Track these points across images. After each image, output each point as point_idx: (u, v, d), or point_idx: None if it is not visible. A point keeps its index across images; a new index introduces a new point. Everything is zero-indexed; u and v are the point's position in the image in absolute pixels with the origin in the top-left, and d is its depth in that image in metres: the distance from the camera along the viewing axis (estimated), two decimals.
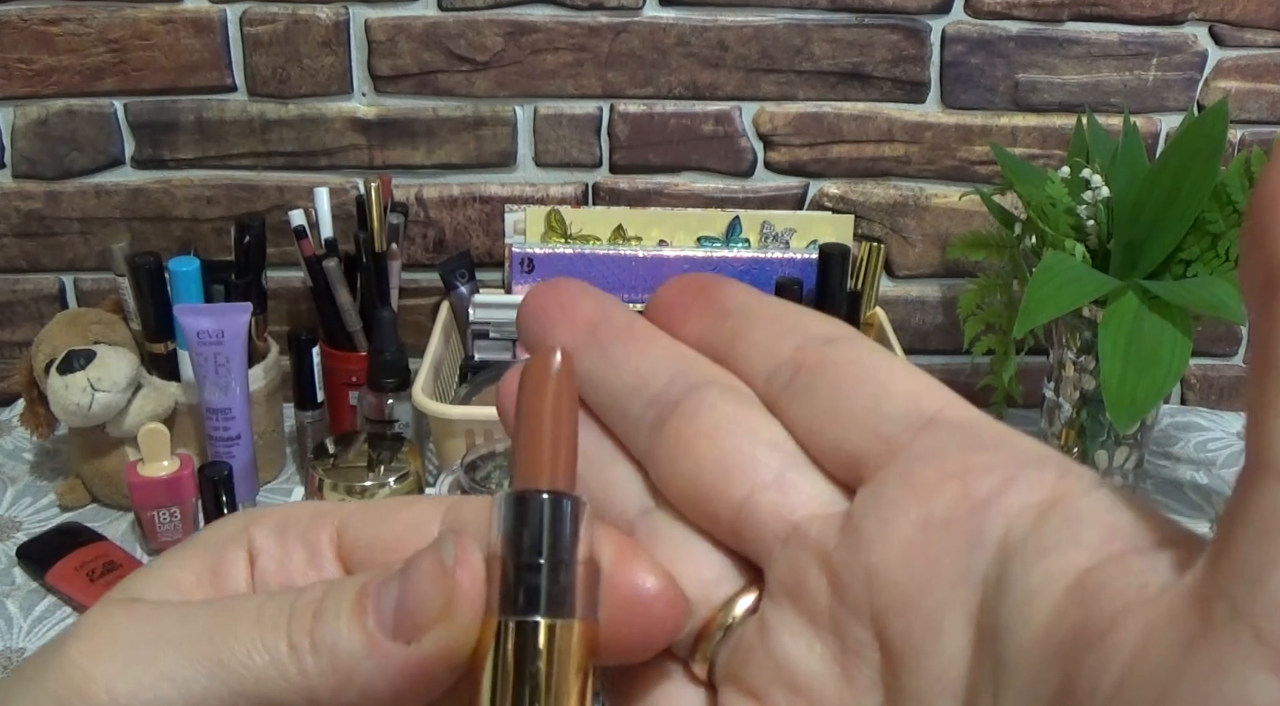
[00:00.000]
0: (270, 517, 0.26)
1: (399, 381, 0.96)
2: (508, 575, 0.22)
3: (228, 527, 0.26)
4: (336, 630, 0.22)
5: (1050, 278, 0.79)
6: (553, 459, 0.23)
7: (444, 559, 0.22)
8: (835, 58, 1.06)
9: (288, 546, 0.25)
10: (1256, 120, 1.10)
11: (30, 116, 1.05)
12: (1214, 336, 1.19)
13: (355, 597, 0.23)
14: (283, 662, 0.22)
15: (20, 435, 1.06)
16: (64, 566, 0.88)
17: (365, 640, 0.22)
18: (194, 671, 0.22)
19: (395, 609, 0.22)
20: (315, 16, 1.02)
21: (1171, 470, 1.08)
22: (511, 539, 0.22)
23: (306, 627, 0.22)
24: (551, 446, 0.23)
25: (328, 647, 0.22)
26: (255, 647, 0.22)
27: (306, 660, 0.22)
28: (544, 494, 0.22)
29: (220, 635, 0.22)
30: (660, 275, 1.04)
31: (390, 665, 0.22)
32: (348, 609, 0.22)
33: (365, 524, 0.25)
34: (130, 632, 0.23)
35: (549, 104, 1.06)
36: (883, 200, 1.11)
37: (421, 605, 0.22)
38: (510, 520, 0.23)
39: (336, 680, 0.22)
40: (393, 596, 0.22)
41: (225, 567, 0.25)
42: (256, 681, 0.22)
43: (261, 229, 0.98)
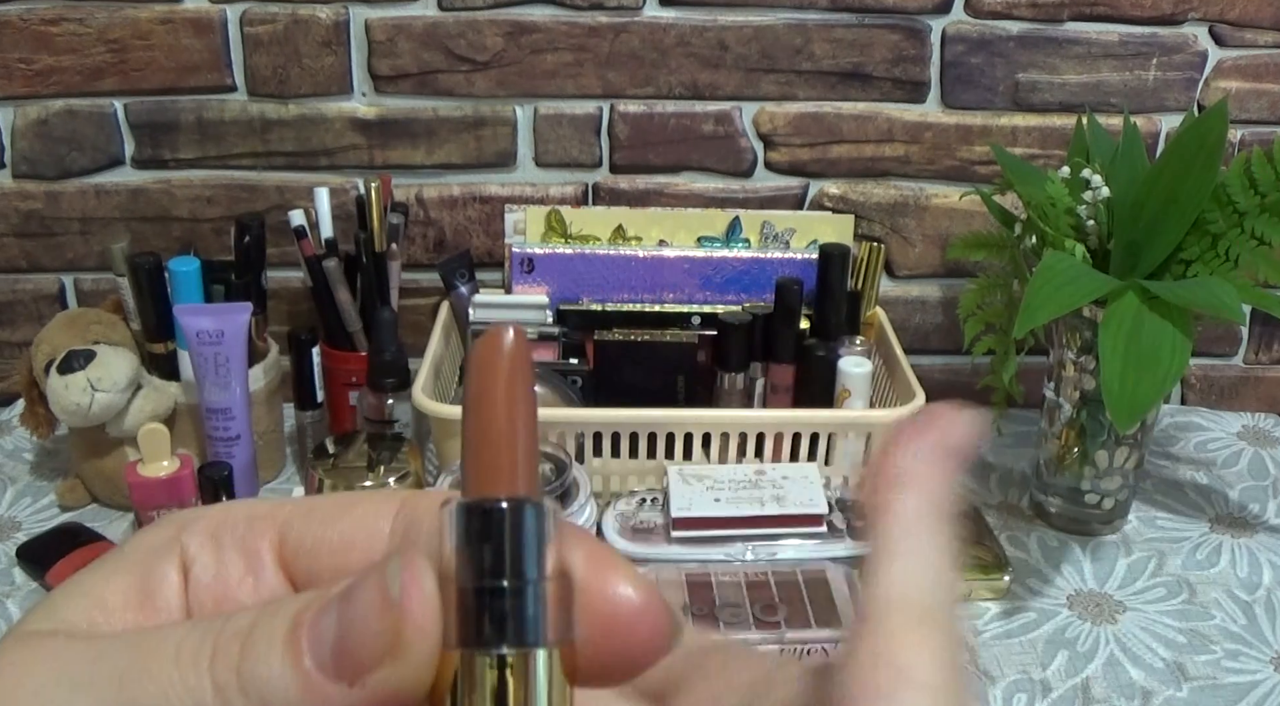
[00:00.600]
0: (204, 522, 0.23)
1: (399, 381, 0.96)
2: (466, 600, 0.19)
3: (158, 535, 0.23)
4: (268, 667, 0.20)
5: (1050, 278, 0.79)
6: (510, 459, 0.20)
7: (390, 588, 0.19)
8: (835, 58, 1.06)
9: (223, 555, 0.23)
10: (1256, 120, 1.10)
11: (30, 116, 1.05)
12: (1214, 336, 1.19)
13: (289, 629, 0.20)
14: (205, 705, 0.20)
15: (20, 435, 1.05)
16: (64, 566, 0.88)
17: (301, 680, 0.19)
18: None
19: (334, 643, 0.19)
20: (315, 16, 1.02)
21: (1171, 470, 1.08)
22: (468, 558, 0.19)
23: (233, 665, 0.20)
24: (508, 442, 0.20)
25: (257, 689, 0.19)
26: (173, 690, 0.20)
27: (233, 701, 0.20)
28: (502, 502, 0.19)
29: (134, 676, 0.20)
30: (660, 275, 1.04)
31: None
32: (280, 643, 0.20)
33: (309, 526, 0.23)
34: (40, 673, 0.21)
35: (549, 104, 1.06)
36: (883, 200, 1.11)
37: (364, 641, 0.19)
38: (465, 535, 0.19)
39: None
40: (330, 628, 0.19)
41: (155, 582, 0.23)
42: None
43: (261, 229, 0.98)
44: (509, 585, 0.19)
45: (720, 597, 0.83)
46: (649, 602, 0.20)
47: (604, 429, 0.93)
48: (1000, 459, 1.09)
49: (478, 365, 0.21)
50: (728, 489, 0.89)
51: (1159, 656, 0.84)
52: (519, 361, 0.21)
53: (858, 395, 0.97)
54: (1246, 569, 0.94)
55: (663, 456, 0.94)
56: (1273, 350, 1.20)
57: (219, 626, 0.20)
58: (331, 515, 0.23)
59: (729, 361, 0.99)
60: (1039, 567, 0.94)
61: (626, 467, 0.95)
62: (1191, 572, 0.94)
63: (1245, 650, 0.85)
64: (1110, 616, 0.88)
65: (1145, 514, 1.01)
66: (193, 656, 0.20)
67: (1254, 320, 1.17)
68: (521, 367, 0.21)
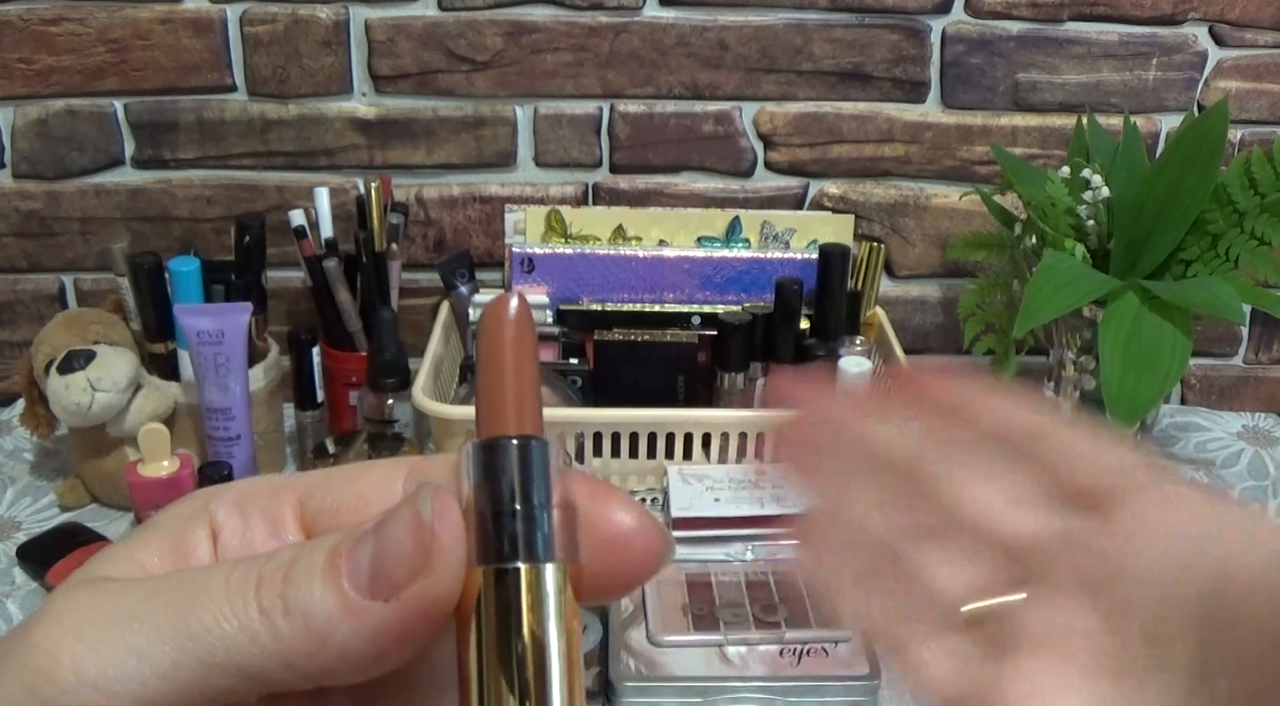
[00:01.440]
0: (229, 493, 0.25)
1: (399, 381, 0.96)
2: (485, 524, 0.22)
3: (188, 506, 0.25)
4: (309, 592, 0.22)
5: (1050, 278, 0.79)
6: (517, 404, 0.23)
7: (422, 513, 0.22)
8: (835, 58, 1.06)
9: (249, 521, 0.25)
10: (1256, 120, 1.10)
11: (30, 116, 1.05)
12: (1214, 336, 1.19)
13: (327, 558, 0.22)
14: (254, 629, 0.22)
15: (20, 435, 1.05)
16: (64, 566, 0.88)
17: (340, 600, 0.21)
18: (161, 644, 0.22)
19: (370, 566, 0.22)
20: (315, 16, 1.02)
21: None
22: (485, 488, 0.22)
23: (277, 591, 0.22)
24: (515, 391, 0.23)
25: (300, 610, 0.22)
26: (224, 615, 0.22)
27: (279, 624, 0.22)
28: (513, 439, 0.22)
29: (187, 606, 0.22)
30: (660, 275, 1.04)
31: (367, 624, 0.21)
32: (320, 570, 0.22)
33: (327, 491, 0.25)
34: (95, 611, 0.22)
35: (549, 104, 1.06)
36: (883, 200, 1.11)
37: (399, 561, 0.21)
38: (482, 469, 0.22)
39: (311, 643, 0.22)
40: (367, 554, 0.22)
41: (188, 545, 0.25)
42: (227, 650, 0.22)
43: (261, 229, 0.98)
44: (520, 509, 0.22)
45: (720, 597, 0.83)
46: (643, 525, 0.23)
47: (604, 429, 0.93)
48: None
49: (486, 327, 0.23)
50: (728, 489, 0.89)
51: None
52: (522, 324, 0.23)
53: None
54: None
55: (663, 456, 0.94)
56: (1273, 350, 1.20)
57: (262, 561, 0.22)
58: (347, 479, 0.25)
59: (729, 361, 0.99)
60: None
61: (626, 467, 0.95)
62: None
63: None
64: None
65: None
66: (239, 586, 0.22)
67: (1254, 320, 1.17)
68: (524, 329, 0.23)
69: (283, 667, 0.22)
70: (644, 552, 0.23)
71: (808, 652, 0.79)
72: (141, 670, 0.21)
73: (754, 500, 0.88)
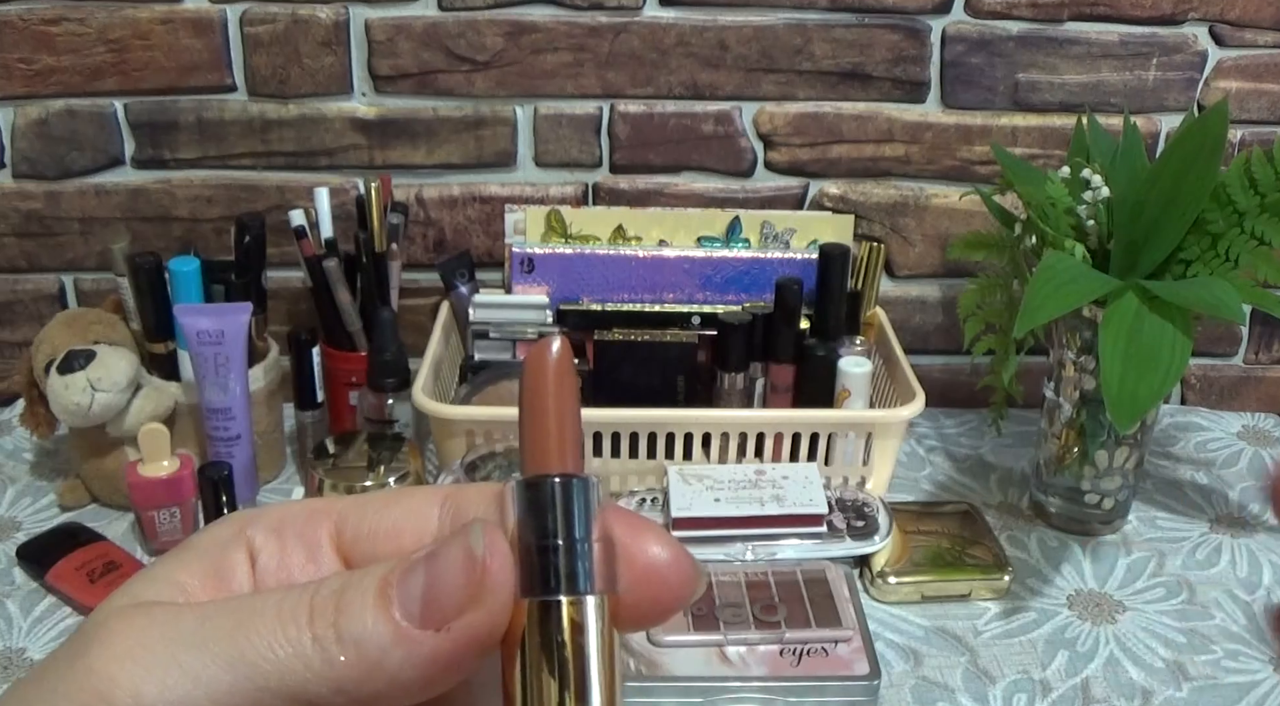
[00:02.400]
0: (266, 518, 0.26)
1: (399, 381, 0.96)
2: (530, 558, 0.23)
3: (225, 529, 0.26)
4: (362, 621, 0.22)
5: (1050, 278, 0.79)
6: (559, 443, 0.24)
7: (474, 547, 0.22)
8: (835, 58, 1.06)
9: (286, 545, 0.25)
10: (1256, 120, 1.10)
11: (30, 116, 1.05)
12: (1214, 336, 1.19)
13: (378, 588, 0.23)
14: (307, 656, 0.22)
15: (20, 435, 1.06)
16: (64, 566, 0.88)
17: (393, 630, 0.22)
18: (218, 670, 0.22)
19: (422, 597, 0.22)
20: (315, 16, 1.02)
21: (1171, 470, 1.08)
22: (530, 523, 0.23)
23: (330, 620, 0.23)
24: (557, 431, 0.24)
25: (354, 639, 0.22)
26: (278, 642, 0.22)
27: (332, 652, 0.22)
28: (556, 477, 0.23)
29: (242, 632, 0.23)
30: (660, 275, 1.04)
31: (419, 653, 0.22)
32: (372, 600, 0.23)
33: (363, 517, 0.26)
34: (151, 636, 0.23)
35: (549, 104, 1.06)
36: (883, 200, 1.11)
37: (451, 593, 0.22)
38: (526, 505, 0.23)
39: (364, 670, 0.22)
40: (418, 585, 0.23)
41: (227, 569, 0.25)
42: (281, 675, 0.22)
43: (261, 229, 0.98)
44: (563, 544, 0.23)
45: (720, 597, 0.83)
46: (677, 557, 0.24)
47: (604, 429, 0.93)
48: (1000, 459, 1.09)
49: (530, 370, 0.24)
50: (727, 489, 0.89)
51: (1159, 656, 0.84)
52: (564, 366, 0.24)
53: (858, 395, 0.97)
54: (1246, 569, 0.94)
55: (663, 456, 0.94)
56: (1273, 350, 1.20)
57: (313, 589, 0.23)
58: (383, 506, 0.26)
59: (729, 361, 0.99)
60: (1039, 567, 0.94)
61: (626, 467, 0.95)
62: (1191, 572, 0.94)
63: (1245, 650, 0.85)
64: (1110, 616, 0.88)
65: (1145, 514, 1.01)
66: (292, 614, 0.23)
67: (1254, 320, 1.17)
68: (566, 371, 0.24)
69: (334, 692, 0.22)
70: (678, 584, 0.24)
71: (808, 652, 0.79)
72: (197, 694, 0.22)
73: (754, 500, 0.88)
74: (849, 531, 0.89)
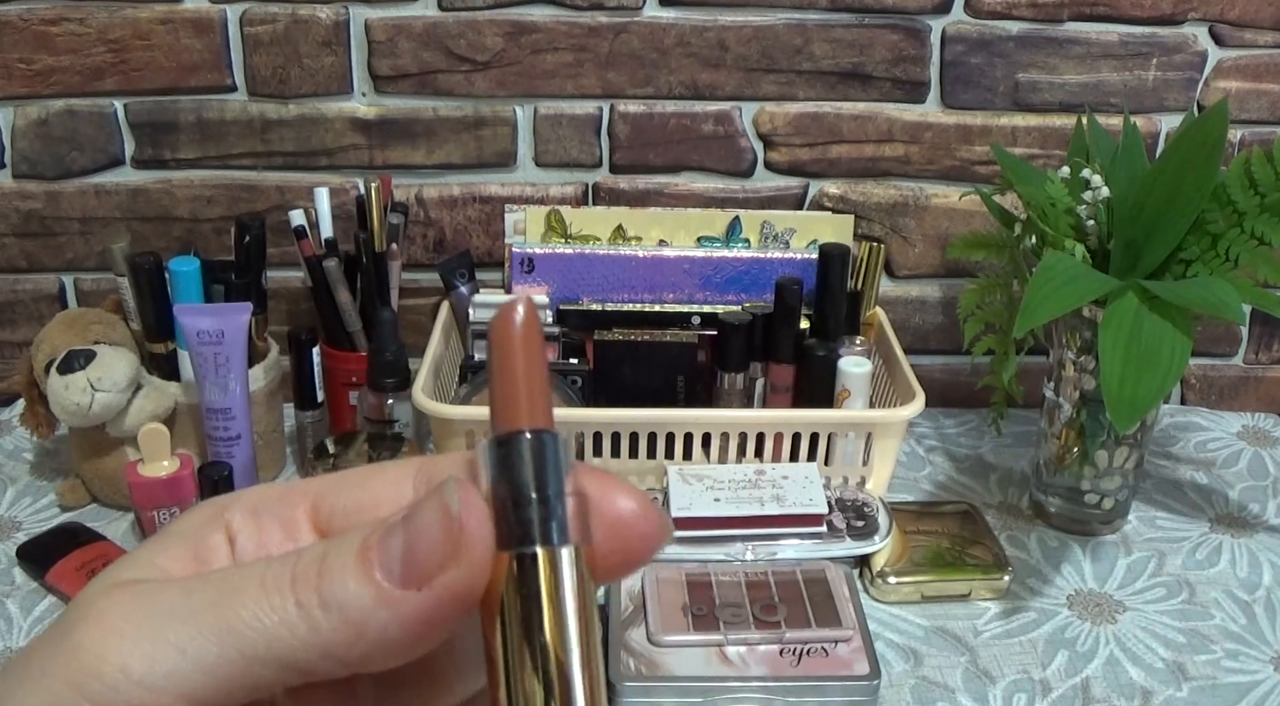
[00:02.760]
0: (242, 501, 0.26)
1: (399, 381, 0.96)
2: (506, 513, 0.23)
3: (202, 513, 0.26)
4: (344, 585, 0.23)
5: (1050, 278, 0.79)
6: (529, 400, 0.24)
7: (450, 505, 0.23)
8: (835, 58, 1.06)
9: (263, 526, 0.26)
10: (1256, 120, 1.10)
11: (30, 116, 1.05)
12: (1214, 336, 1.19)
13: (358, 551, 0.23)
14: (292, 622, 0.23)
15: (20, 435, 1.06)
16: (64, 566, 0.88)
17: (375, 592, 0.23)
18: (205, 641, 0.22)
19: (402, 557, 0.23)
20: (315, 16, 1.02)
21: (1171, 470, 1.08)
22: (504, 479, 0.23)
23: (313, 586, 0.23)
24: (526, 388, 0.24)
25: (337, 603, 0.23)
26: (263, 611, 0.23)
27: (317, 617, 0.23)
28: (527, 432, 0.24)
29: (227, 603, 0.23)
30: (660, 275, 1.04)
31: (403, 613, 0.23)
32: (352, 563, 0.23)
33: (339, 495, 0.26)
34: (136, 611, 0.23)
35: (549, 104, 1.06)
36: (883, 200, 1.11)
37: (430, 552, 0.23)
38: (499, 462, 0.24)
39: (349, 633, 0.23)
40: (397, 546, 0.23)
41: (207, 551, 0.25)
42: (268, 643, 0.23)
43: (261, 229, 0.98)
44: (537, 497, 0.23)
45: (720, 597, 0.83)
46: (644, 508, 0.25)
47: (604, 429, 0.93)
48: (1000, 459, 1.09)
49: (497, 330, 0.24)
50: (727, 489, 0.89)
51: (1159, 656, 0.84)
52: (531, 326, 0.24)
53: (858, 395, 0.97)
54: (1246, 569, 0.95)
55: (663, 456, 0.94)
56: (1273, 350, 1.20)
57: (294, 558, 0.24)
58: (358, 482, 0.26)
59: (729, 361, 0.99)
60: (1039, 567, 0.94)
61: (626, 467, 0.95)
62: (1191, 572, 0.94)
63: (1245, 650, 0.85)
64: (1110, 616, 0.88)
65: (1145, 514, 1.01)
66: (275, 582, 0.23)
67: (1254, 320, 1.17)
68: (533, 331, 0.24)
69: (321, 657, 0.23)
70: (647, 535, 0.25)
71: (808, 652, 0.79)
72: (186, 666, 0.22)
73: (754, 500, 0.88)
74: (849, 531, 0.89)
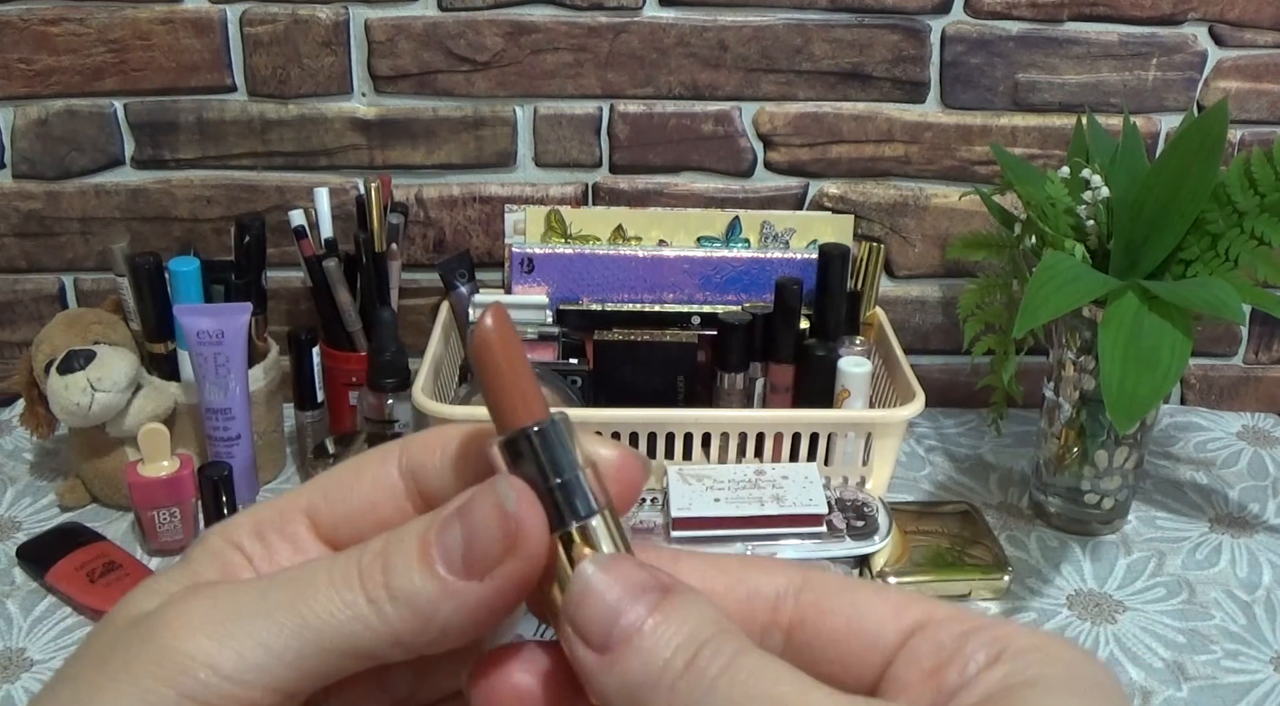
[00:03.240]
0: (243, 525, 0.27)
1: (399, 381, 0.96)
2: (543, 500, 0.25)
3: (214, 540, 0.27)
4: (410, 579, 0.24)
5: (1050, 278, 0.79)
6: (522, 397, 0.26)
7: (504, 501, 0.25)
8: (835, 58, 1.06)
9: (271, 546, 0.27)
10: (1256, 120, 1.10)
11: (30, 116, 1.05)
12: (1214, 336, 1.19)
13: (419, 547, 0.25)
14: (365, 616, 0.24)
15: (20, 435, 1.06)
16: (64, 566, 0.88)
17: (439, 584, 0.24)
18: (286, 637, 0.24)
19: (463, 552, 0.24)
20: (315, 16, 1.02)
21: (1171, 470, 1.08)
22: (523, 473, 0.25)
23: (380, 582, 0.25)
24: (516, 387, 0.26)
25: (405, 596, 0.24)
26: (336, 607, 0.24)
27: (387, 610, 0.24)
28: (533, 427, 0.26)
29: (302, 601, 0.24)
30: (660, 275, 1.04)
31: (467, 602, 0.24)
32: (415, 558, 0.25)
33: (333, 504, 0.27)
34: (217, 612, 0.24)
35: (549, 104, 1.06)
36: (883, 200, 1.11)
37: (489, 544, 0.24)
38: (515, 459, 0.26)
39: (418, 622, 0.24)
40: (456, 540, 0.25)
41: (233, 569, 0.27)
42: (344, 636, 0.24)
43: (261, 229, 0.98)
44: (560, 481, 0.25)
45: None
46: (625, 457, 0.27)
47: (604, 429, 0.93)
48: (1000, 459, 1.09)
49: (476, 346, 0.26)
50: (727, 489, 0.89)
51: (1159, 656, 0.84)
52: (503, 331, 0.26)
53: (857, 395, 0.97)
54: (1246, 569, 0.95)
55: (663, 456, 0.94)
56: (1272, 350, 1.20)
57: (357, 555, 0.25)
58: (347, 487, 0.28)
59: (729, 361, 0.99)
60: (1039, 567, 0.94)
61: None
62: (1191, 572, 0.94)
63: (1245, 650, 0.85)
64: (1110, 616, 0.88)
65: (1145, 514, 1.01)
66: (344, 578, 0.25)
67: (1254, 320, 1.17)
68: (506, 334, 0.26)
69: (392, 645, 0.25)
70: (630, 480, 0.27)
71: None
72: (270, 661, 0.24)
73: (754, 500, 0.88)
74: (849, 531, 0.89)
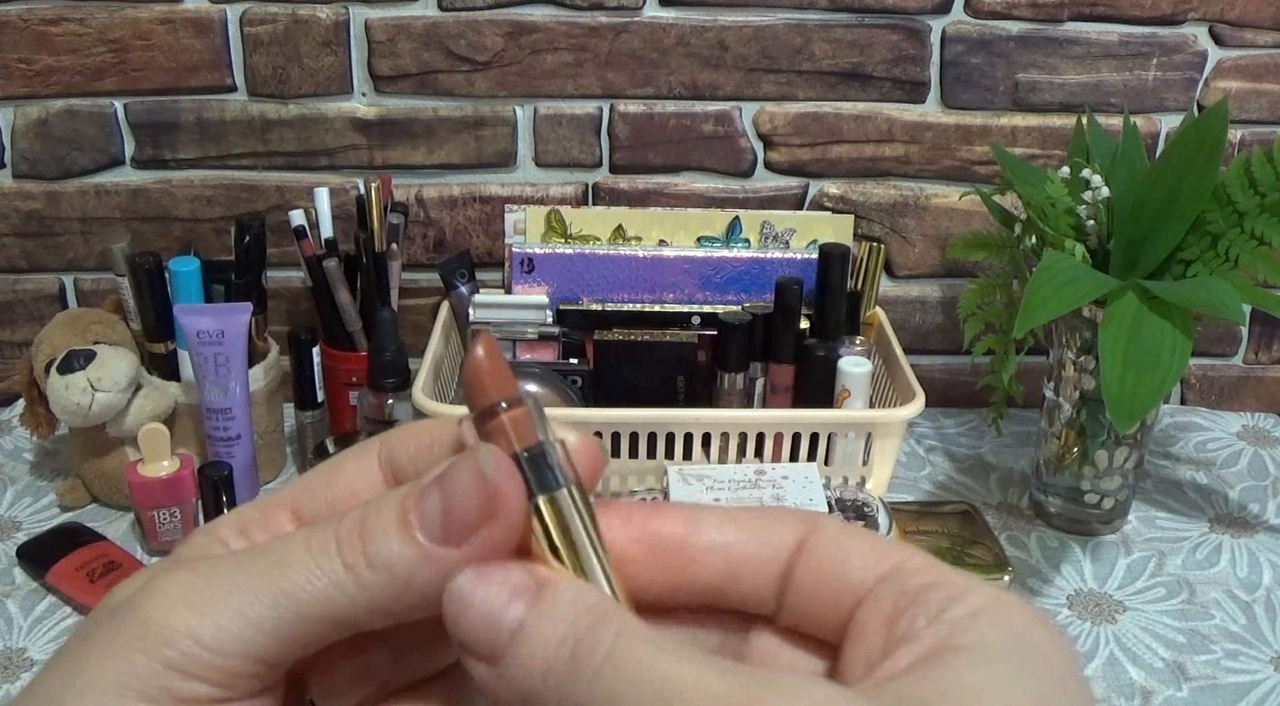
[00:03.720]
0: (229, 523, 0.28)
1: (399, 381, 0.96)
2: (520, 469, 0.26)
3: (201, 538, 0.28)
4: (388, 545, 0.25)
5: (1050, 278, 0.79)
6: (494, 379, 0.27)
7: (484, 469, 0.25)
8: (835, 58, 1.06)
9: (254, 539, 0.28)
10: (1256, 120, 1.10)
11: (30, 116, 1.05)
12: (1214, 336, 1.19)
13: (398, 514, 0.25)
14: (343, 583, 0.25)
15: (20, 435, 1.06)
16: (64, 566, 0.88)
17: (417, 551, 0.25)
18: (264, 607, 0.24)
19: (441, 518, 0.25)
20: (315, 16, 1.02)
21: (1171, 470, 1.08)
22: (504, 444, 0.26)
23: (358, 549, 0.25)
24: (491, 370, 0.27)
25: (383, 563, 0.25)
26: (314, 574, 0.25)
27: (365, 577, 0.25)
28: (501, 402, 0.26)
29: (279, 570, 0.25)
30: (660, 275, 1.04)
31: (446, 568, 0.25)
32: (394, 526, 0.25)
33: (315, 496, 0.28)
34: (197, 585, 0.25)
35: (549, 104, 1.06)
36: (883, 200, 1.11)
37: (467, 511, 0.25)
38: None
39: (396, 589, 0.25)
40: (434, 507, 0.25)
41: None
42: (322, 604, 0.25)
43: (261, 229, 0.98)
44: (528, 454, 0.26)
45: None
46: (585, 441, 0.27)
47: (604, 429, 0.93)
48: (1000, 459, 1.09)
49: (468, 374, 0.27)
50: (728, 489, 0.89)
51: (1159, 656, 0.84)
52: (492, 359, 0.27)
53: (857, 395, 0.97)
54: (1246, 569, 0.95)
55: (663, 456, 0.94)
56: (1272, 350, 1.20)
57: (334, 524, 0.25)
58: (328, 481, 0.28)
59: (729, 361, 0.99)
60: (1039, 567, 0.94)
61: (626, 467, 0.95)
62: (1191, 572, 0.94)
63: (1245, 650, 0.85)
64: (1110, 616, 0.88)
65: (1145, 514, 1.01)
66: (321, 546, 0.25)
67: (1254, 320, 1.17)
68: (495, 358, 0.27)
69: (370, 613, 0.25)
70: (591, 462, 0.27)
71: None
72: (250, 630, 0.24)
73: (754, 500, 0.88)
74: None
